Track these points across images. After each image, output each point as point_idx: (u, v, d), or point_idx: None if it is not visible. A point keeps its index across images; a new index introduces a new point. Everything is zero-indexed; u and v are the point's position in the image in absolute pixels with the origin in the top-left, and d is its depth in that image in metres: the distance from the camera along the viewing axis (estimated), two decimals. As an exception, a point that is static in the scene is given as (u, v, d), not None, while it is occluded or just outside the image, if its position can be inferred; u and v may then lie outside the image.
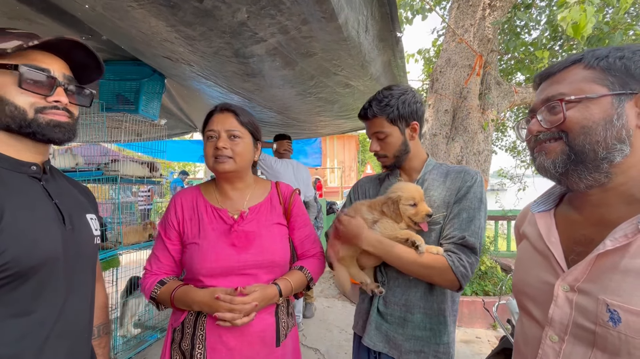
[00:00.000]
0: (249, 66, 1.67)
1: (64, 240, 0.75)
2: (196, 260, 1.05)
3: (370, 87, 2.30)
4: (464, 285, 1.04)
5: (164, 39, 1.37)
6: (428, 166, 1.20)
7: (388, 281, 1.17)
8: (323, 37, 1.44)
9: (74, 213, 0.82)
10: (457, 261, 1.02)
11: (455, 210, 1.09)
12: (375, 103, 1.13)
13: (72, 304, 0.77)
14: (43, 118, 0.73)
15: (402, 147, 1.15)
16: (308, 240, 1.23)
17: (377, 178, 1.32)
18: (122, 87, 2.64)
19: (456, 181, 1.12)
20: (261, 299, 1.02)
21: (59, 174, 0.89)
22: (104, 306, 1.02)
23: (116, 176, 2.61)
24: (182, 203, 1.14)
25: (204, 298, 1.00)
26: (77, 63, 0.81)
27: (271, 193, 1.21)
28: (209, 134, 1.09)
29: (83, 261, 0.82)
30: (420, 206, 1.07)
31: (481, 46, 4.23)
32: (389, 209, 1.10)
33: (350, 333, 3.32)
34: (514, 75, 6.71)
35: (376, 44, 1.68)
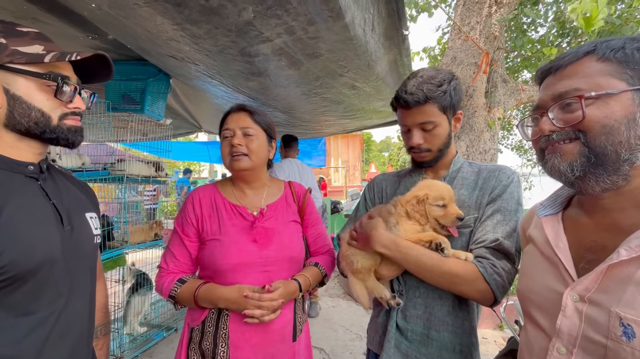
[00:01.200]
0: (254, 65, 1.67)
1: (63, 241, 0.75)
2: (218, 256, 1.05)
3: (376, 88, 2.29)
4: (499, 297, 0.87)
5: (169, 38, 1.37)
6: (457, 163, 1.07)
7: (407, 291, 1.01)
8: (329, 37, 1.43)
9: (73, 213, 0.82)
10: (489, 267, 0.87)
11: (488, 211, 0.94)
12: (429, 86, 0.95)
13: (73, 305, 0.77)
14: (65, 124, 0.76)
15: (447, 139, 1.01)
16: (320, 237, 1.25)
17: (396, 175, 1.19)
18: (128, 87, 2.65)
19: (490, 180, 0.99)
20: (285, 295, 1.03)
21: (58, 173, 0.89)
22: (103, 306, 1.02)
23: (122, 175, 2.62)
24: (201, 200, 1.14)
25: (231, 295, 1.00)
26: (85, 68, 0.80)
27: (285, 192, 1.23)
28: (224, 133, 1.11)
29: (82, 261, 0.82)
30: (450, 207, 0.93)
31: (487, 44, 4.18)
32: (414, 209, 0.96)
33: (355, 333, 3.31)
34: (521, 73, 6.64)
35: (382, 42, 1.67)
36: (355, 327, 3.44)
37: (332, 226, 7.23)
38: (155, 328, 3.15)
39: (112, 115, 2.57)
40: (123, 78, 2.63)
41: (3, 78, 0.70)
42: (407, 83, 1.00)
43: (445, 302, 0.97)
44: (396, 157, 19.38)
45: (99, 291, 1.00)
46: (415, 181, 1.10)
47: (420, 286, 0.99)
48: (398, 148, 19.66)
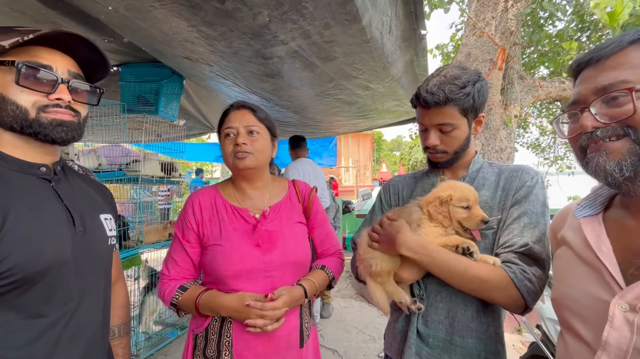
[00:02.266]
0: (268, 67, 1.66)
1: (74, 243, 0.74)
2: (220, 262, 1.01)
3: (391, 89, 2.25)
4: (531, 304, 0.84)
5: (184, 39, 1.37)
6: (476, 163, 1.03)
7: (427, 295, 0.97)
8: (345, 40, 1.40)
9: (87, 214, 0.81)
10: (520, 273, 0.83)
11: (513, 213, 0.90)
12: (451, 87, 0.91)
13: (85, 307, 0.76)
14: (45, 117, 0.70)
15: (465, 142, 0.98)
16: (327, 238, 1.20)
17: (413, 176, 1.15)
18: (143, 89, 2.68)
19: (512, 180, 0.94)
20: (290, 303, 0.99)
21: (74, 174, 0.88)
22: (124, 305, 1.01)
23: (137, 176, 2.65)
24: (201, 204, 1.09)
25: (232, 304, 0.97)
26: (84, 60, 0.78)
27: (290, 192, 1.18)
28: (227, 131, 1.06)
29: (95, 262, 0.81)
30: (474, 209, 0.90)
31: (503, 39, 4.07)
32: (436, 210, 0.92)
33: (368, 335, 3.28)
34: (537, 69, 6.46)
35: (399, 44, 1.63)
36: (368, 329, 3.41)
37: (343, 227, 7.19)
38: (170, 326, 3.19)
39: (127, 116, 2.60)
40: (137, 80, 2.67)
41: None
42: (429, 81, 0.96)
43: (469, 307, 0.93)
44: (407, 157, 19.16)
45: (119, 290, 1.01)
46: (432, 183, 1.07)
47: (442, 290, 0.94)
48: (409, 147, 19.43)
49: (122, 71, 2.68)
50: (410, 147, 19.19)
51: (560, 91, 4.92)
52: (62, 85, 0.72)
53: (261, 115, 1.09)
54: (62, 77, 0.72)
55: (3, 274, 0.63)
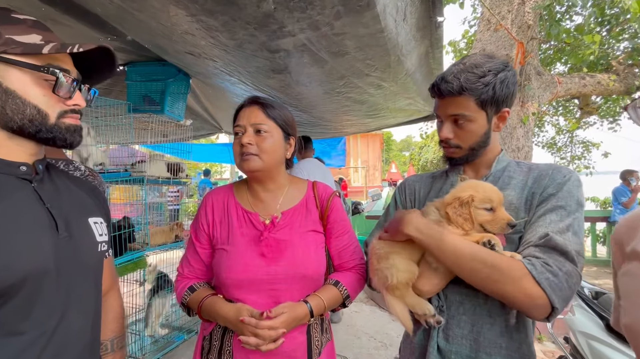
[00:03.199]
0: (275, 62, 1.57)
1: (57, 250, 0.67)
2: (223, 269, 0.97)
3: (404, 86, 2.14)
4: (558, 302, 0.71)
5: (184, 31, 1.29)
6: (501, 161, 0.94)
7: (448, 306, 0.88)
8: (357, 31, 1.31)
9: (73, 218, 0.74)
10: (540, 265, 0.72)
11: (539, 211, 0.81)
12: (468, 75, 0.83)
13: (70, 322, 0.69)
14: (64, 123, 0.69)
15: (482, 138, 0.89)
16: (347, 250, 1.08)
17: (431, 176, 1.07)
18: (149, 88, 2.65)
19: (542, 179, 0.85)
20: (290, 323, 0.91)
21: (61, 173, 0.82)
22: (118, 317, 0.94)
23: (143, 177, 2.61)
24: (213, 204, 1.06)
25: (229, 315, 0.91)
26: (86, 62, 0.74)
27: (307, 195, 1.08)
28: (236, 130, 1.01)
29: (83, 271, 0.74)
30: (499, 211, 0.81)
31: (520, 34, 3.91)
32: (456, 212, 0.83)
33: (380, 341, 3.17)
34: (553, 66, 6.24)
35: (414, 33, 1.52)
36: (379, 335, 3.30)
37: (353, 228, 7.07)
38: (177, 330, 3.14)
39: (132, 116, 2.56)
40: (143, 79, 2.64)
41: None
42: (449, 69, 0.89)
43: (497, 320, 0.83)
44: (417, 157, 18.92)
45: (114, 300, 0.94)
46: (452, 183, 0.97)
47: (465, 302, 0.85)
48: (419, 147, 19.18)
49: (128, 70, 2.66)
50: (420, 147, 18.92)
51: (581, 87, 4.72)
52: (78, 91, 0.71)
53: (272, 111, 1.00)
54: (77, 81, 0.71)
55: None
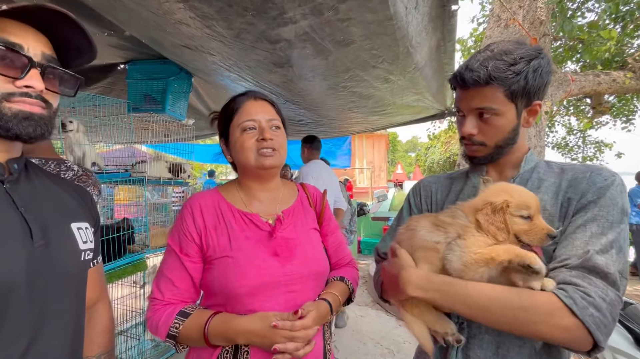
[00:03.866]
0: (276, 54, 1.49)
1: (30, 261, 0.59)
2: (232, 278, 0.85)
3: (412, 80, 2.04)
4: (601, 339, 0.62)
5: (178, 21, 1.21)
6: (529, 161, 0.84)
7: (470, 324, 0.79)
8: (364, 17, 1.21)
9: (52, 224, 0.66)
10: (579, 297, 0.62)
11: (577, 221, 0.71)
12: (497, 63, 0.74)
13: (45, 342, 0.61)
14: (9, 108, 0.57)
15: (510, 134, 0.79)
16: (341, 246, 1.09)
17: (449, 177, 0.97)
18: (150, 87, 2.61)
19: (579, 182, 0.75)
20: (318, 321, 0.84)
21: (43, 174, 0.74)
22: (107, 331, 0.86)
23: (143, 177, 2.55)
24: (202, 209, 0.93)
25: (254, 326, 0.79)
26: (63, 42, 0.65)
27: (300, 196, 1.06)
28: (246, 124, 0.91)
29: (61, 284, 0.65)
30: (537, 220, 0.70)
31: (532, 30, 3.78)
32: (488, 220, 0.72)
33: (386, 348, 3.06)
34: (564, 65, 6.08)
35: (425, 24, 1.42)
36: (386, 341, 3.19)
37: (358, 230, 6.97)
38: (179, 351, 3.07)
39: (132, 115, 2.51)
40: (144, 77, 2.60)
41: None
42: (474, 56, 0.79)
43: (527, 343, 0.73)
44: (423, 158, 18.73)
45: (102, 313, 0.86)
46: (474, 185, 0.87)
47: None
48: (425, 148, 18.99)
49: (129, 69, 2.62)
50: (426, 148, 18.72)
51: (595, 85, 4.56)
52: (35, 69, 0.59)
53: (278, 108, 1.01)
54: (36, 59, 0.59)
55: None
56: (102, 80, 2.75)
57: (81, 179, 1.35)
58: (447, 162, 14.79)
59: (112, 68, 2.60)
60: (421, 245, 0.78)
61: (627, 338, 1.47)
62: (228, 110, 0.96)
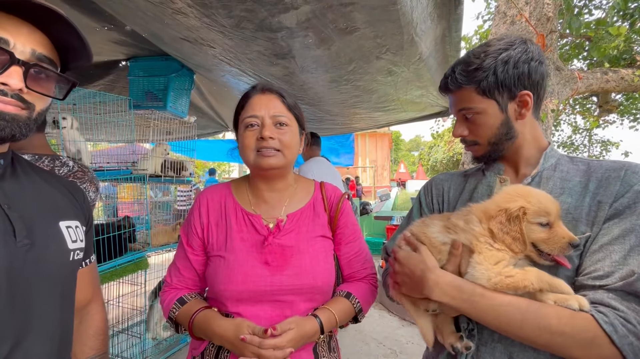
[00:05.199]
0: (277, 43, 1.45)
1: (12, 261, 0.56)
2: (220, 279, 0.85)
3: (416, 72, 2.00)
4: None
5: (176, 10, 1.18)
6: (549, 158, 0.78)
7: (480, 330, 0.74)
8: (367, 1, 1.18)
9: (38, 222, 0.63)
10: (620, 324, 0.58)
11: (613, 230, 0.64)
12: (461, 67, 0.78)
13: (27, 348, 0.57)
14: None
15: (501, 129, 0.77)
16: (358, 258, 0.98)
17: (463, 174, 0.93)
18: (151, 84, 2.60)
19: (610, 183, 0.68)
20: (298, 341, 0.79)
21: (32, 170, 0.70)
22: (99, 333, 0.83)
23: (144, 175, 2.53)
24: (208, 205, 0.93)
25: (227, 333, 0.79)
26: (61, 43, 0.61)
27: (314, 197, 0.98)
28: (248, 121, 0.87)
29: (46, 286, 0.62)
30: (558, 228, 0.64)
31: (539, 26, 3.72)
32: (502, 229, 0.66)
33: (389, 348, 3.02)
34: (571, 62, 6.00)
35: (430, 11, 1.38)
36: (388, 341, 3.15)
37: (361, 229, 6.92)
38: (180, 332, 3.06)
39: (133, 112, 2.49)
40: (146, 74, 2.60)
41: None
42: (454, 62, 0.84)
43: (541, 354, 0.68)
44: (426, 157, 18.65)
45: (95, 314, 0.84)
46: (489, 183, 0.82)
47: None
48: (429, 147, 18.91)
49: (130, 65, 2.61)
50: (430, 147, 18.65)
51: (603, 83, 4.48)
52: (16, 67, 0.54)
53: (290, 101, 0.91)
54: (21, 57, 0.55)
55: None
56: (103, 77, 2.73)
57: (77, 175, 1.32)
58: (450, 161, 14.70)
59: (114, 65, 2.59)
60: (430, 241, 0.75)
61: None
62: (239, 104, 0.92)
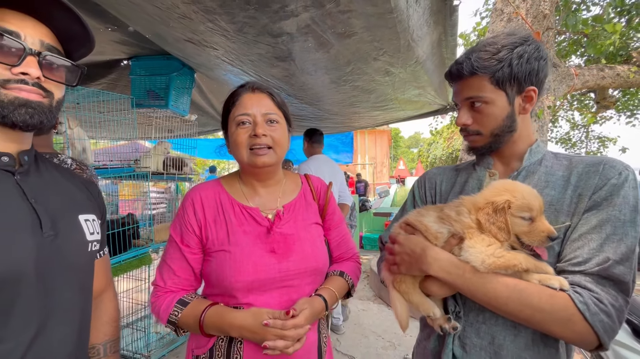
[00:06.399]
0: (278, 47, 1.50)
1: (39, 251, 0.61)
2: (228, 273, 0.86)
3: (413, 74, 2.05)
4: (607, 343, 0.66)
5: (182, 15, 1.23)
6: (535, 153, 0.83)
7: (467, 313, 0.81)
8: (365, 9, 1.22)
9: (61, 215, 0.68)
10: (593, 303, 0.64)
11: (591, 220, 0.69)
12: (478, 54, 0.78)
13: (52, 330, 0.62)
14: (5, 95, 0.58)
15: (505, 122, 0.80)
16: (344, 240, 1.08)
17: (454, 169, 0.98)
18: (153, 82, 2.62)
19: (590, 176, 0.73)
20: (311, 318, 0.85)
21: (52, 167, 0.75)
22: (112, 320, 0.89)
23: (147, 172, 2.57)
24: (203, 201, 0.93)
25: (246, 323, 0.81)
26: (64, 32, 0.65)
27: (303, 189, 1.04)
28: (240, 119, 0.89)
29: (68, 274, 0.67)
30: (539, 222, 0.70)
31: (535, 24, 3.75)
32: (489, 220, 0.72)
33: (388, 341, 3.09)
34: (569, 59, 6.02)
35: (426, 18, 1.43)
36: (387, 334, 3.22)
37: (360, 225, 7.00)
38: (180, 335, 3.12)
39: (136, 111, 2.53)
40: (147, 73, 2.62)
41: None
42: (467, 50, 0.83)
43: (522, 332, 0.74)
44: (425, 154, 18.66)
45: (108, 302, 0.89)
46: (479, 177, 0.87)
47: (485, 309, 0.76)
48: (428, 144, 18.92)
49: (132, 64, 2.63)
50: (429, 144, 18.66)
51: (599, 79, 4.52)
52: (31, 57, 0.59)
53: (278, 99, 0.95)
54: (33, 47, 0.60)
55: None
56: (105, 76, 2.77)
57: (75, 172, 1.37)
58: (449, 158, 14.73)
59: (116, 64, 2.62)
60: (426, 228, 0.81)
61: (626, 329, 1.48)
62: (228, 102, 0.94)
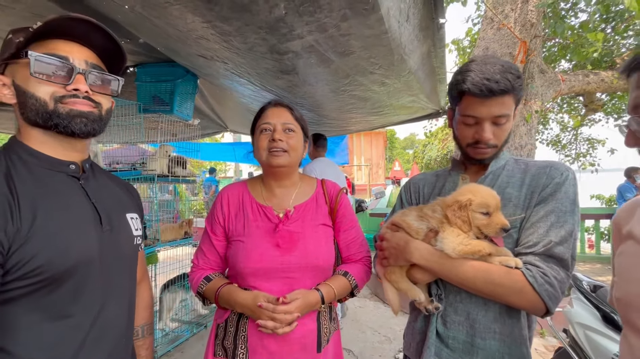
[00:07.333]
0: (283, 63, 1.63)
1: (101, 242, 0.74)
2: (240, 259, 1.04)
3: (407, 83, 2.19)
4: (552, 308, 0.81)
5: (199, 36, 1.36)
6: (500, 159, 0.98)
7: (447, 295, 0.96)
8: (362, 32, 1.36)
9: (114, 213, 0.80)
10: (539, 276, 0.80)
11: (539, 212, 0.86)
12: (510, 75, 0.86)
13: (110, 308, 0.75)
14: (63, 108, 0.69)
15: (510, 134, 0.94)
16: (354, 243, 1.17)
17: (435, 174, 1.13)
18: (158, 89, 2.70)
19: (539, 177, 0.90)
20: (303, 308, 0.99)
21: (102, 172, 0.88)
22: (148, 306, 1.02)
23: (153, 175, 2.68)
24: (229, 199, 1.14)
25: (246, 302, 0.99)
26: (102, 50, 0.77)
27: (317, 192, 1.18)
28: (263, 127, 1.08)
29: (121, 263, 0.80)
30: (495, 216, 0.86)
31: (523, 32, 3.93)
32: (455, 214, 0.89)
33: (384, 335, 3.23)
34: (558, 63, 6.23)
35: (416, 34, 1.57)
36: (383, 329, 3.36)
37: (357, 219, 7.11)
38: (186, 324, 3.23)
39: (143, 116, 2.63)
40: (153, 80, 2.69)
41: (13, 73, 0.70)
42: (484, 70, 0.88)
43: (491, 308, 0.90)
44: (421, 155, 18.87)
45: (144, 290, 1.02)
46: (453, 181, 1.04)
47: (462, 291, 0.92)
48: (423, 145, 19.13)
49: (138, 71, 2.71)
50: (424, 145, 18.86)
51: (585, 85, 4.73)
52: (79, 75, 0.71)
53: (297, 114, 1.13)
54: (80, 67, 0.71)
55: (32, 272, 0.63)
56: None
57: None
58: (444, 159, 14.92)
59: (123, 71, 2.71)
60: (408, 226, 0.97)
61: (597, 316, 1.64)
62: (257, 115, 1.14)
